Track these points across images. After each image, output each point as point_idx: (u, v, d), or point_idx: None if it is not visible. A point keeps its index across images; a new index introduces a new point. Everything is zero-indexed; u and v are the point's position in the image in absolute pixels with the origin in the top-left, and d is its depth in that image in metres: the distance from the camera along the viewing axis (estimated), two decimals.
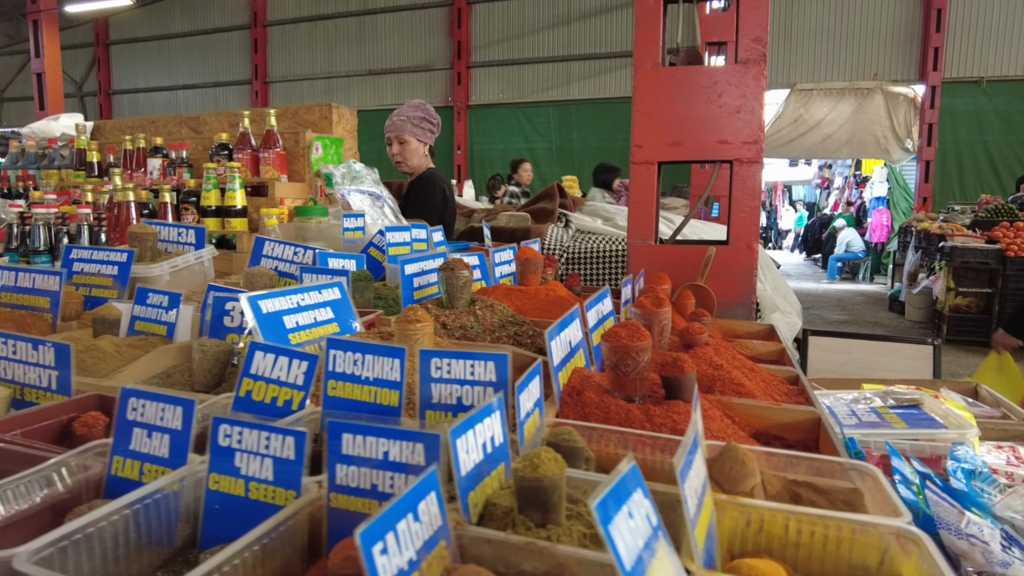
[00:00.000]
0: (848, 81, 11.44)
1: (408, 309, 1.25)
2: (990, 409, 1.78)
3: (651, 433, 1.05)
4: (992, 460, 1.49)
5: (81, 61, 17.99)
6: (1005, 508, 1.08)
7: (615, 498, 0.53)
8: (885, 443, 1.22)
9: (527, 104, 13.91)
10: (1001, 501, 1.10)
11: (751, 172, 2.39)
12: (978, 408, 1.80)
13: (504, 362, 0.96)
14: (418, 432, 0.74)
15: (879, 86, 11.08)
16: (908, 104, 11.07)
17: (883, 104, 11.24)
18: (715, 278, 2.42)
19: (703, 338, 1.53)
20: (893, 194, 12.57)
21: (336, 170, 2.81)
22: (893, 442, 1.30)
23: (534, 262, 2.04)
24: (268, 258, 2.06)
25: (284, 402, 1.11)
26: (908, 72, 11.34)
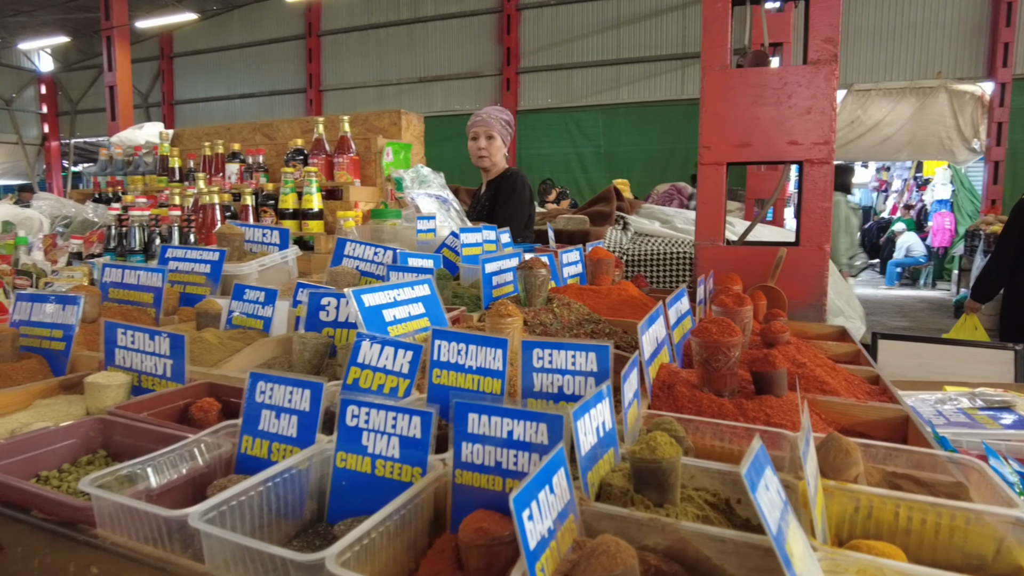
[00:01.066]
0: (909, 80, 11.11)
1: (499, 304, 1.30)
2: None
3: (746, 425, 1.07)
4: None
5: (147, 73, 18.81)
6: None
7: (756, 469, 0.57)
8: (981, 443, 1.21)
9: (575, 108, 13.93)
10: None
11: (822, 173, 2.37)
12: None
13: (605, 353, 1.00)
14: (543, 413, 0.78)
15: (943, 84, 10.72)
16: (975, 103, 10.67)
17: (947, 103, 10.87)
18: (785, 279, 2.41)
19: (785, 336, 1.54)
20: (957, 196, 12.11)
21: (406, 174, 2.90)
22: (989, 442, 1.29)
23: (606, 262, 2.07)
24: (349, 258, 2.14)
25: (390, 389, 1.17)
26: (975, 69, 10.93)
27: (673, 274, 3.69)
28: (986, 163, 10.87)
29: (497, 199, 3.52)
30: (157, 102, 18.78)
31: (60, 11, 16.16)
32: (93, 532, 0.81)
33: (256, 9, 16.86)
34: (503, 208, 3.47)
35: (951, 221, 12.19)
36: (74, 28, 17.58)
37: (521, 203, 3.53)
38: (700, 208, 2.52)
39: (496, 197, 3.53)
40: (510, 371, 1.13)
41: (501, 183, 3.56)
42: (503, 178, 3.58)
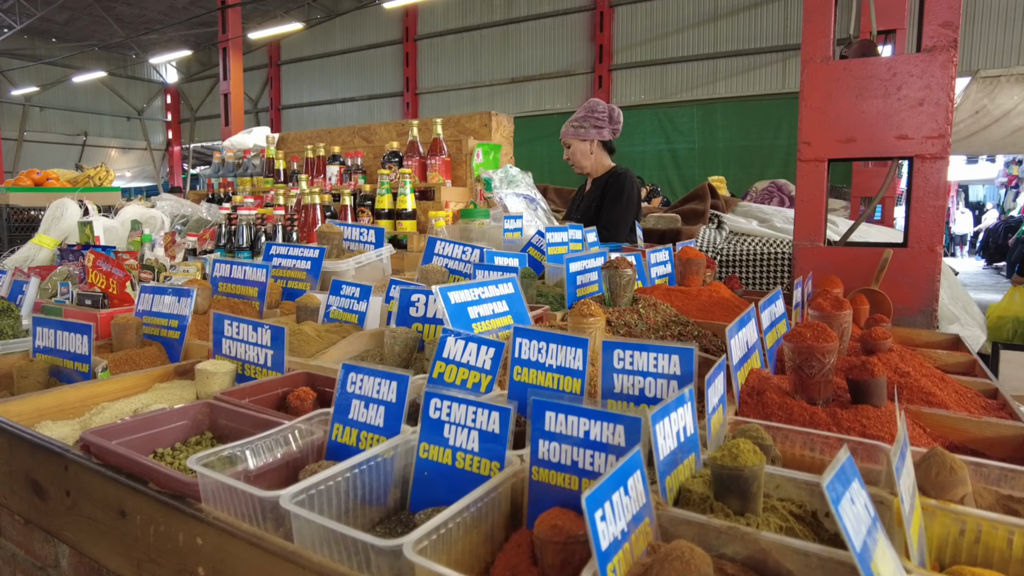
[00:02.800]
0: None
1: (582, 303, 1.30)
2: None
3: (838, 435, 1.02)
4: None
5: (256, 81, 20.06)
6: None
7: (841, 481, 0.54)
8: None
9: (669, 104, 13.63)
10: None
11: (935, 169, 2.21)
12: None
13: (690, 356, 0.98)
14: (620, 415, 0.78)
15: None
16: None
17: None
18: (891, 283, 2.26)
19: (887, 343, 1.45)
20: None
21: (495, 175, 2.95)
22: None
23: (696, 262, 2.02)
24: (439, 256, 2.21)
25: (473, 384, 1.20)
26: None
27: (771, 275, 3.54)
28: None
29: (604, 199, 3.47)
30: (266, 107, 19.97)
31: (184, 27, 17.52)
32: (198, 506, 0.88)
33: (357, 16, 17.59)
34: (611, 209, 3.43)
35: None
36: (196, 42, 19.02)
37: (630, 204, 3.47)
38: (799, 206, 2.41)
39: (604, 197, 3.48)
40: (591, 371, 1.12)
41: (609, 183, 3.49)
42: (611, 178, 3.51)
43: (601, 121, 3.41)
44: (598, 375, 1.08)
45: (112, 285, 2.05)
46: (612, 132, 3.44)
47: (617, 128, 3.45)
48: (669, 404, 0.81)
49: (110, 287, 2.05)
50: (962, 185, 18.94)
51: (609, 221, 3.26)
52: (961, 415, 1.25)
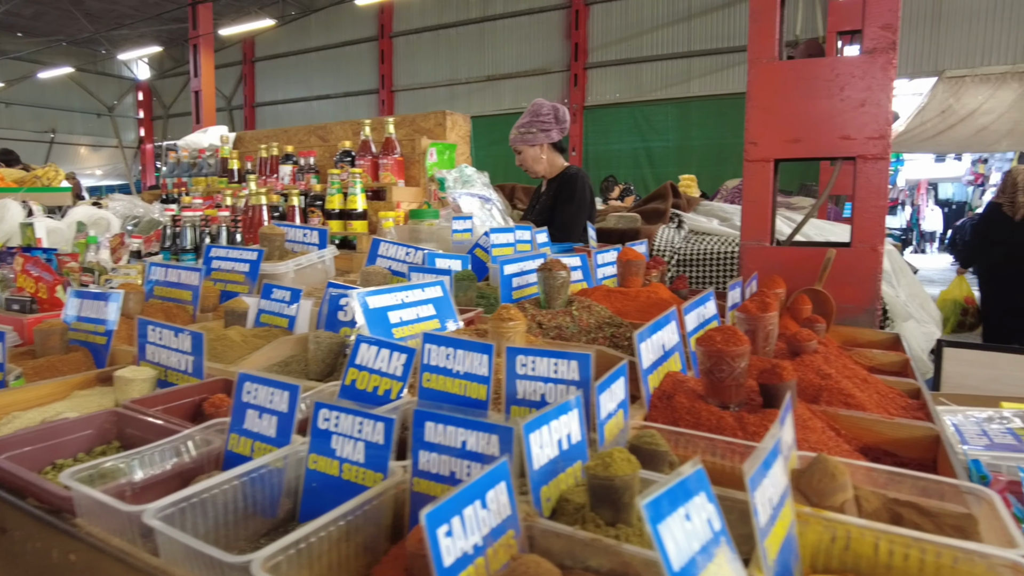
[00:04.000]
0: (1011, 64, 10.27)
1: (502, 308, 1.29)
2: None
3: (743, 441, 1.01)
4: None
5: (231, 78, 19.81)
6: None
7: (671, 499, 0.53)
8: (1017, 468, 1.10)
9: (645, 103, 13.68)
10: None
11: (877, 169, 2.22)
12: None
13: (587, 361, 0.97)
14: (493, 424, 0.77)
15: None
16: None
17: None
18: (836, 283, 2.27)
19: (812, 345, 1.45)
20: None
21: (449, 174, 2.92)
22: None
23: (635, 263, 2.02)
24: (383, 258, 2.18)
25: (384, 391, 1.18)
26: None
27: (728, 274, 3.55)
28: None
29: (558, 200, 3.47)
30: (240, 105, 19.73)
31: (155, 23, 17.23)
32: (73, 522, 0.85)
33: (332, 12, 17.43)
34: (564, 210, 3.42)
35: None
36: (168, 38, 18.73)
37: (582, 205, 3.46)
38: (746, 207, 2.42)
39: (557, 198, 3.48)
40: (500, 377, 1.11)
41: (562, 184, 3.49)
42: (563, 179, 3.51)
43: (548, 123, 3.39)
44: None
45: (41, 289, 2.00)
46: (560, 132, 3.42)
47: (565, 127, 3.44)
48: (549, 412, 0.80)
49: (39, 291, 2.00)
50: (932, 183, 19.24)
51: (562, 222, 3.26)
52: (875, 416, 1.26)
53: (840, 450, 1.12)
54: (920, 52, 11.23)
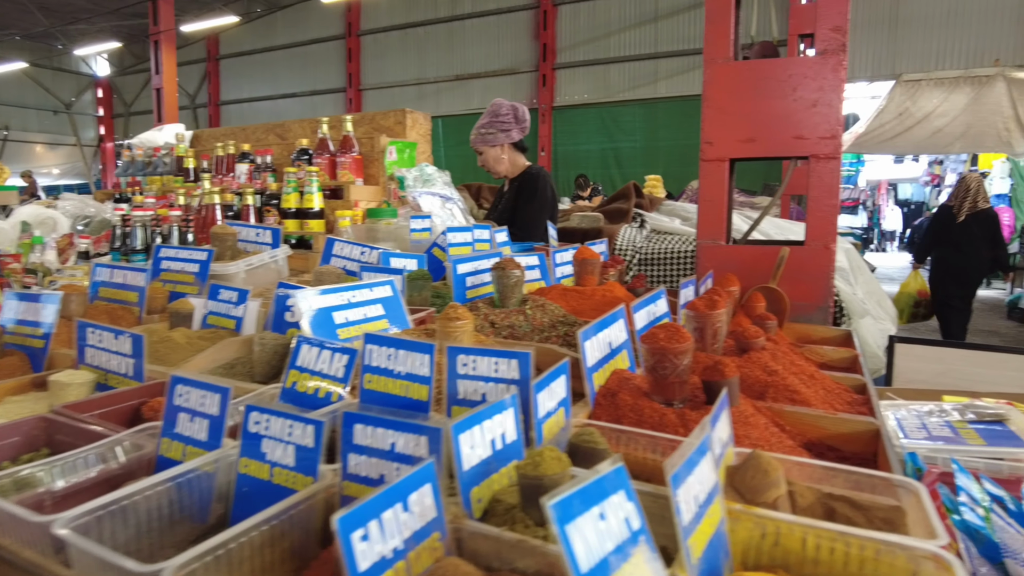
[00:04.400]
0: (964, 69, 10.57)
1: (449, 307, 1.27)
2: None
3: (684, 438, 1.01)
4: None
5: (194, 75, 19.42)
6: None
7: (584, 498, 0.53)
8: (951, 459, 1.12)
9: (613, 104, 13.77)
10: None
11: (829, 168, 2.26)
12: None
13: (526, 360, 0.96)
14: (421, 425, 0.75)
15: (1001, 72, 10.15)
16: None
17: (1006, 92, 10.28)
18: (790, 280, 2.30)
19: (759, 342, 1.46)
20: (1017, 191, 11.51)
21: (408, 173, 2.90)
22: (965, 459, 1.20)
23: (591, 262, 2.02)
24: (338, 257, 2.15)
25: (325, 394, 1.16)
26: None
27: (689, 272, 3.59)
28: None
29: (519, 199, 3.47)
30: (204, 103, 19.36)
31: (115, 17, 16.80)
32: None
33: (300, 10, 17.20)
34: (525, 209, 3.42)
35: (1010, 217, 11.57)
36: (128, 34, 18.27)
37: (543, 204, 3.46)
38: (702, 206, 2.44)
39: (518, 197, 3.48)
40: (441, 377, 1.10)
41: (523, 183, 3.49)
42: (525, 178, 3.51)
43: (507, 123, 3.38)
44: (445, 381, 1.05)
45: None
46: (520, 131, 3.42)
47: (525, 127, 3.44)
48: (481, 412, 0.79)
49: None
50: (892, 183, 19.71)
51: (523, 221, 3.25)
52: (819, 412, 1.27)
53: (783, 445, 1.13)
54: (879, 56, 11.49)
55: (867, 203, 19.24)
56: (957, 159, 14.53)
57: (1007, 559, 0.93)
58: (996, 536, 0.95)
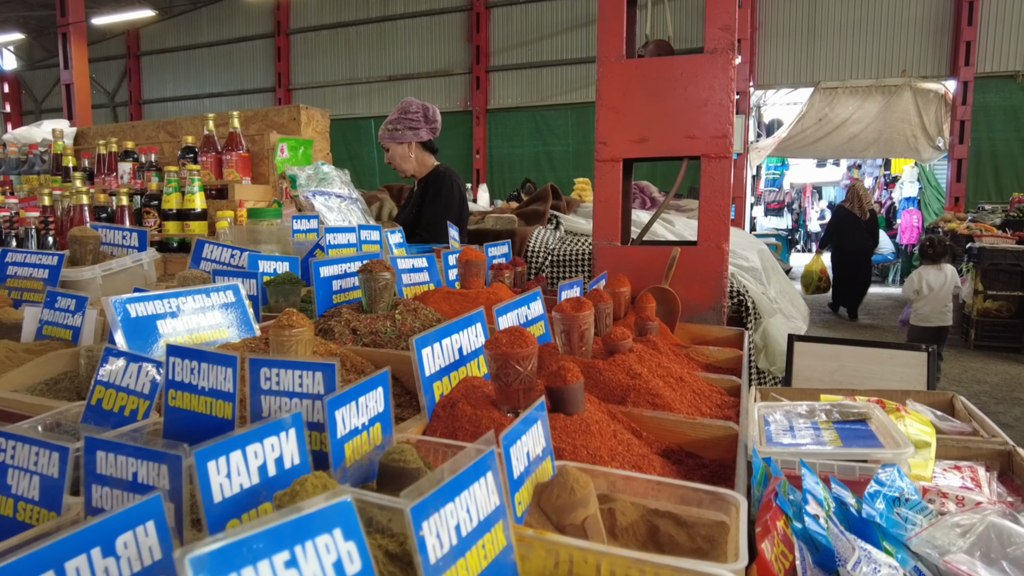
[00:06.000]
0: (875, 79, 11.08)
1: (283, 314, 1.17)
2: (961, 424, 1.62)
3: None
4: (946, 482, 1.34)
5: (114, 72, 18.49)
6: (923, 543, 0.94)
7: (273, 540, 0.43)
8: (799, 461, 1.09)
9: (546, 107, 13.82)
10: (920, 533, 0.96)
11: (720, 168, 2.26)
12: (949, 423, 1.63)
13: (331, 372, 0.87)
14: (161, 452, 0.65)
15: (908, 83, 10.70)
16: (939, 101, 10.66)
17: (912, 101, 10.85)
18: (684, 281, 2.29)
19: (626, 344, 1.41)
20: (924, 194, 12.12)
21: (301, 172, 2.76)
22: (822, 462, 1.17)
23: (475, 264, 1.94)
24: (207, 260, 2.01)
25: (131, 412, 1.04)
26: (938, 68, 10.94)
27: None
28: (949, 161, 10.89)
29: (425, 199, 3.39)
30: (124, 101, 18.46)
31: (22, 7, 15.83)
32: None
33: (224, 7, 16.62)
34: (430, 209, 3.34)
35: (919, 219, 12.18)
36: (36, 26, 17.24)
37: (449, 203, 3.39)
38: (597, 207, 2.40)
39: (424, 197, 3.41)
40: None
41: (429, 183, 3.42)
42: (431, 178, 3.44)
43: (416, 122, 3.30)
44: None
45: None
46: (430, 132, 3.34)
47: (435, 127, 3.37)
48: (242, 435, 0.69)
49: None
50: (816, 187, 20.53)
51: (428, 222, 3.17)
52: (678, 417, 1.23)
53: (630, 455, 1.08)
54: (798, 64, 11.91)
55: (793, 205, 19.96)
56: (873, 163, 15.25)
57: (840, 567, 0.89)
58: (833, 544, 0.91)
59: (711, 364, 1.87)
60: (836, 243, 9.41)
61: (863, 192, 9.52)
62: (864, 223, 9.20)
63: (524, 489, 0.75)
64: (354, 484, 0.83)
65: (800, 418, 1.44)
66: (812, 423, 1.39)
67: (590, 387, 1.31)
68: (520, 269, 2.45)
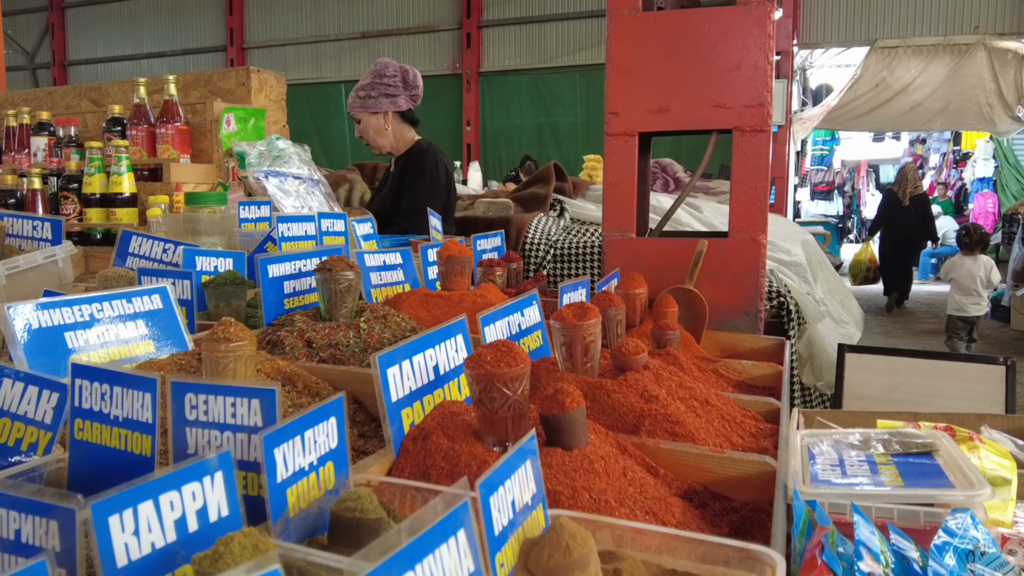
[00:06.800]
0: (943, 36, 11.05)
1: (219, 324, 1.13)
2: None
3: None
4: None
5: (33, 28, 18.41)
6: None
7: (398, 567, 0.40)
8: (850, 504, 1.06)
9: (550, 70, 13.76)
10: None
11: (755, 144, 2.23)
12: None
13: (270, 399, 0.84)
14: (49, 504, 0.62)
15: (981, 41, 10.65)
16: (1018, 63, 10.63)
17: (987, 63, 10.81)
18: (713, 280, 2.27)
19: (641, 359, 1.38)
20: (1001, 174, 12.11)
21: (252, 148, 2.72)
22: (879, 505, 1.14)
23: (459, 260, 1.92)
24: (134, 256, 2.00)
25: (29, 445, 1.01)
26: (1019, 23, 10.91)
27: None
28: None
29: (404, 181, 3.37)
30: (46, 63, 18.39)
31: None
32: None
33: None
34: (410, 193, 3.32)
35: (994, 203, 12.19)
36: None
37: (434, 186, 3.37)
38: (607, 190, 2.38)
39: (403, 178, 3.39)
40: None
41: (409, 162, 3.40)
42: (411, 156, 3.42)
43: (393, 87, 3.28)
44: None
45: None
46: (410, 99, 3.33)
47: (416, 94, 3.35)
48: (155, 481, 0.66)
49: None
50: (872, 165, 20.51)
51: (409, 209, 3.13)
52: (703, 450, 1.20)
53: (644, 497, 1.05)
54: (852, 19, 11.88)
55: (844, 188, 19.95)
56: (940, 137, 15.23)
57: None
58: None
59: (744, 382, 1.85)
60: (884, 230, 10.73)
61: (911, 175, 10.80)
62: (911, 209, 10.39)
63: (507, 547, 0.72)
64: (298, 539, 0.80)
65: (852, 450, 1.41)
66: (867, 456, 1.36)
67: (596, 413, 1.29)
68: (515, 266, 2.43)
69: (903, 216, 10.28)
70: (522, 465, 0.77)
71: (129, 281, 1.79)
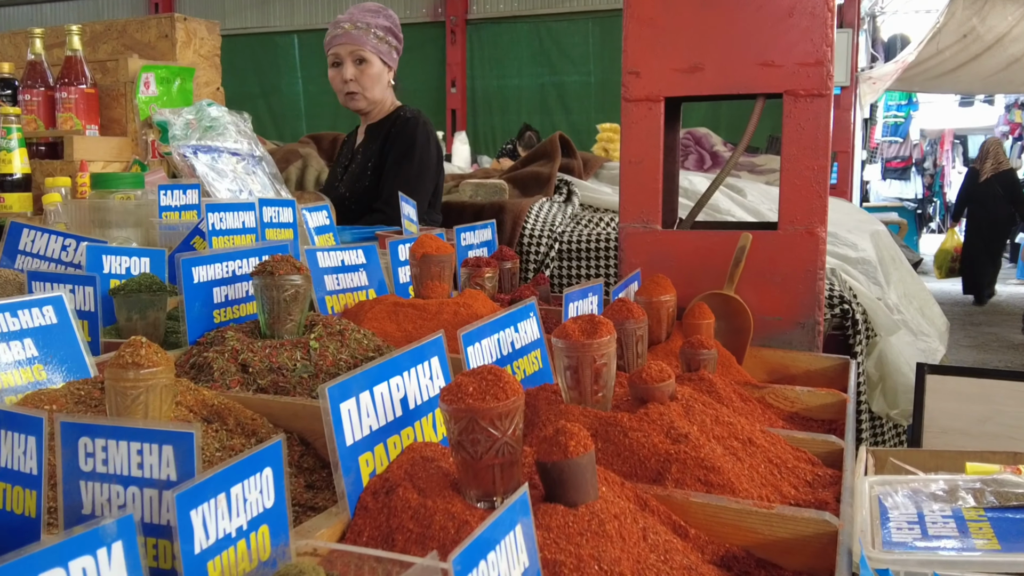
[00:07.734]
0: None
1: (126, 344, 1.12)
2: None
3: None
4: None
5: None
6: None
7: None
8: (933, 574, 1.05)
9: (556, 16, 13.83)
10: None
11: (812, 111, 2.24)
12: None
13: (188, 445, 0.82)
14: None
15: None
16: None
17: None
18: (758, 283, 2.27)
19: (667, 387, 1.38)
20: None
21: (177, 117, 2.73)
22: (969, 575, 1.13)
23: (436, 259, 1.91)
24: (26, 255, 2.03)
25: None
26: None
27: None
28: None
29: (388, 157, 3.41)
30: None
31: None
32: None
33: None
34: (398, 173, 3.36)
35: None
36: None
37: (425, 166, 3.44)
38: (624, 170, 2.39)
39: (386, 154, 3.42)
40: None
41: (393, 133, 3.44)
42: (395, 125, 3.47)
43: (398, 46, 3.52)
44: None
45: None
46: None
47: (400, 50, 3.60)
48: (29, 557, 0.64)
49: None
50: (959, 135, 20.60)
51: (393, 192, 3.12)
52: (745, 505, 1.19)
53: (671, 567, 1.04)
54: None
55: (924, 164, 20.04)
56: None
57: None
58: None
59: (798, 414, 1.86)
60: (968, 213, 11.84)
61: (992, 148, 11.69)
62: (996, 188, 11.25)
63: None
64: None
65: (935, 502, 1.41)
66: (953, 510, 1.36)
67: (609, 457, 1.28)
68: (509, 265, 2.44)
69: (985, 197, 11.13)
70: (511, 531, 0.76)
71: (18, 288, 1.79)
